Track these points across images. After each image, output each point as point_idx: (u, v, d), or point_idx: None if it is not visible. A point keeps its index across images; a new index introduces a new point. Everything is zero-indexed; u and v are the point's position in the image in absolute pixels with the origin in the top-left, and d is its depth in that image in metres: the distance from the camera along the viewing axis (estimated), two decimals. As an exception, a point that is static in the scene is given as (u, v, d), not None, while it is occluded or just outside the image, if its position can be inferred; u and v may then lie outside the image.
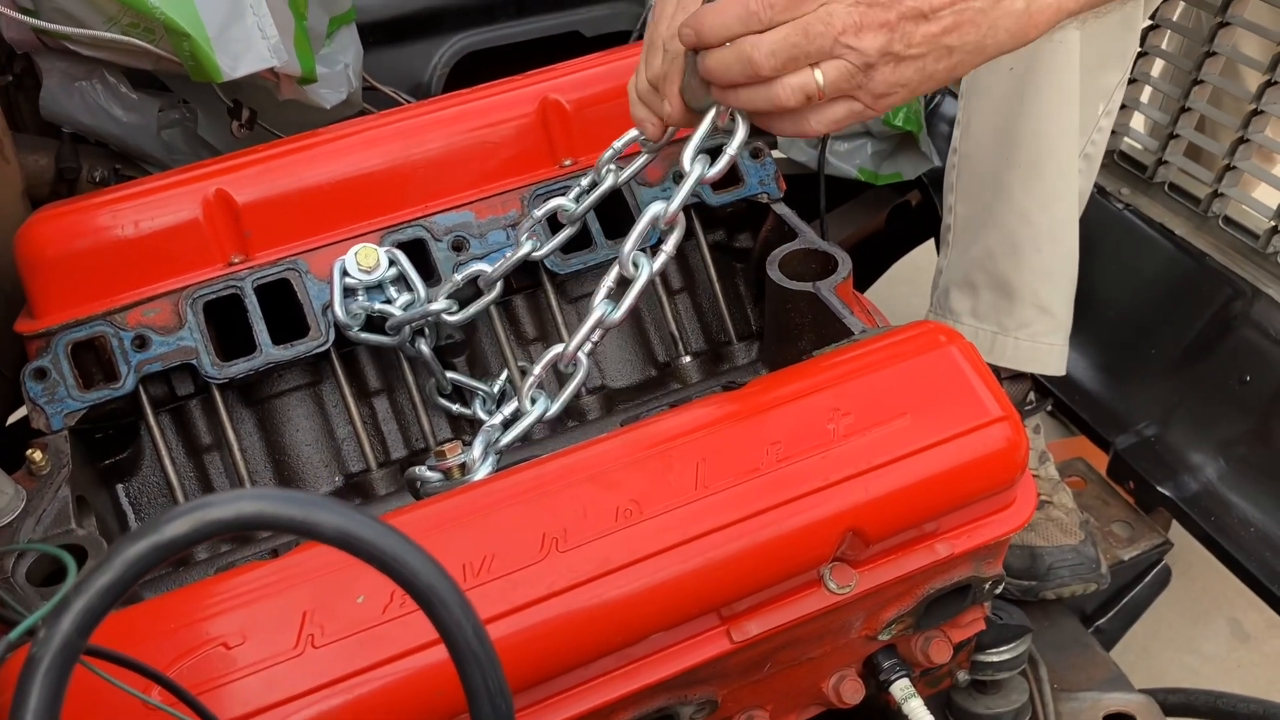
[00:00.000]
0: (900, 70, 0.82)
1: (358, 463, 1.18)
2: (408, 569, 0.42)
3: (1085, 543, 1.44)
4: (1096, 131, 1.44)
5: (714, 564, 0.83)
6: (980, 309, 1.51)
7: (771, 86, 0.82)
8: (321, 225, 1.15)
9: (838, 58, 0.80)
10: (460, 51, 1.73)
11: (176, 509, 0.41)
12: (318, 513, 0.41)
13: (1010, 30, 0.83)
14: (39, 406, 1.05)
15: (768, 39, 0.80)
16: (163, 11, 1.21)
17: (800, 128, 0.85)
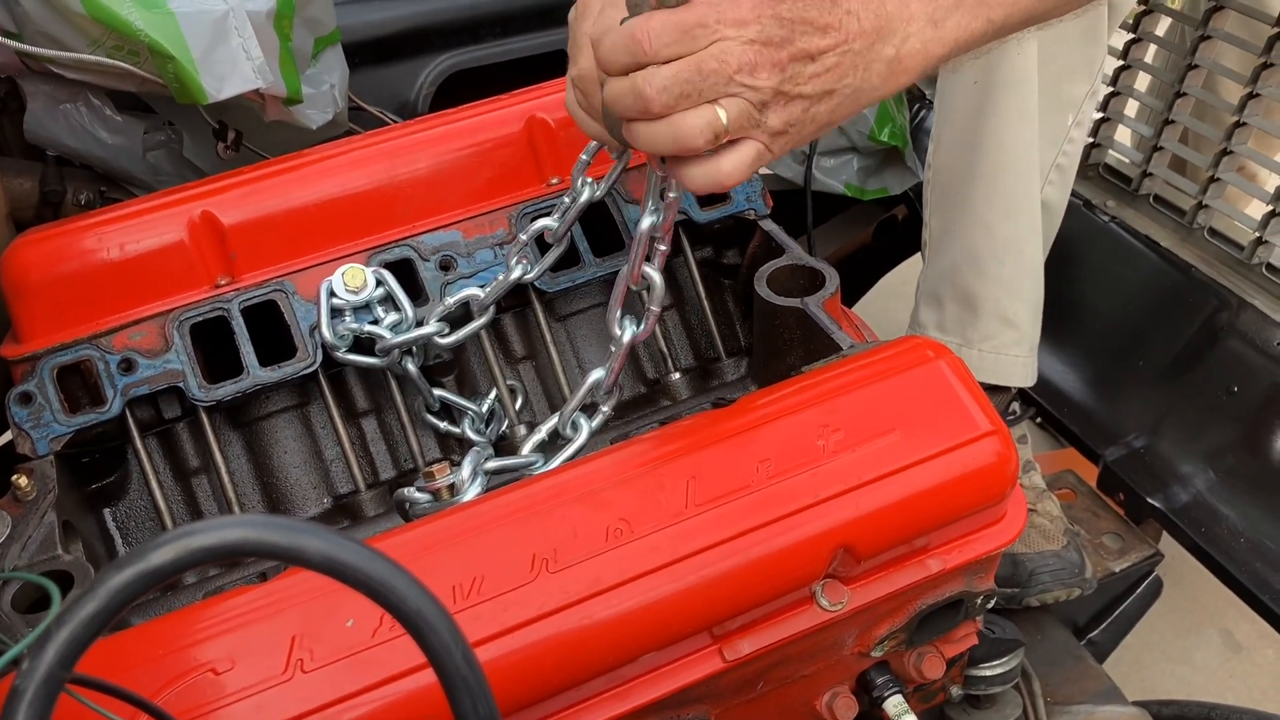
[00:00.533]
0: (789, 109, 0.81)
1: (346, 484, 1.17)
2: (395, 594, 0.41)
3: (1068, 548, 1.44)
4: (1068, 142, 1.45)
5: (705, 583, 0.83)
6: (945, 322, 1.52)
7: (675, 126, 0.79)
8: (308, 246, 1.15)
9: (734, 95, 0.79)
10: (446, 71, 1.73)
11: (162, 537, 0.41)
12: (304, 539, 0.41)
13: (881, 75, 0.84)
14: (24, 431, 1.04)
15: (660, 74, 0.78)
16: (147, 34, 1.21)
17: (713, 175, 0.82)
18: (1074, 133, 1.45)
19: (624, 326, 0.99)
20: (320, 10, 1.46)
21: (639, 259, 0.95)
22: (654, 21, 0.77)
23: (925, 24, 0.84)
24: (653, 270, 0.95)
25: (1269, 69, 1.51)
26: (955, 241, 1.49)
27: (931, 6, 0.84)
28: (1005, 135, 1.40)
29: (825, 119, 0.84)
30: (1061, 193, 1.48)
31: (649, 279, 0.96)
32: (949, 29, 0.85)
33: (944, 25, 0.84)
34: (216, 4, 1.25)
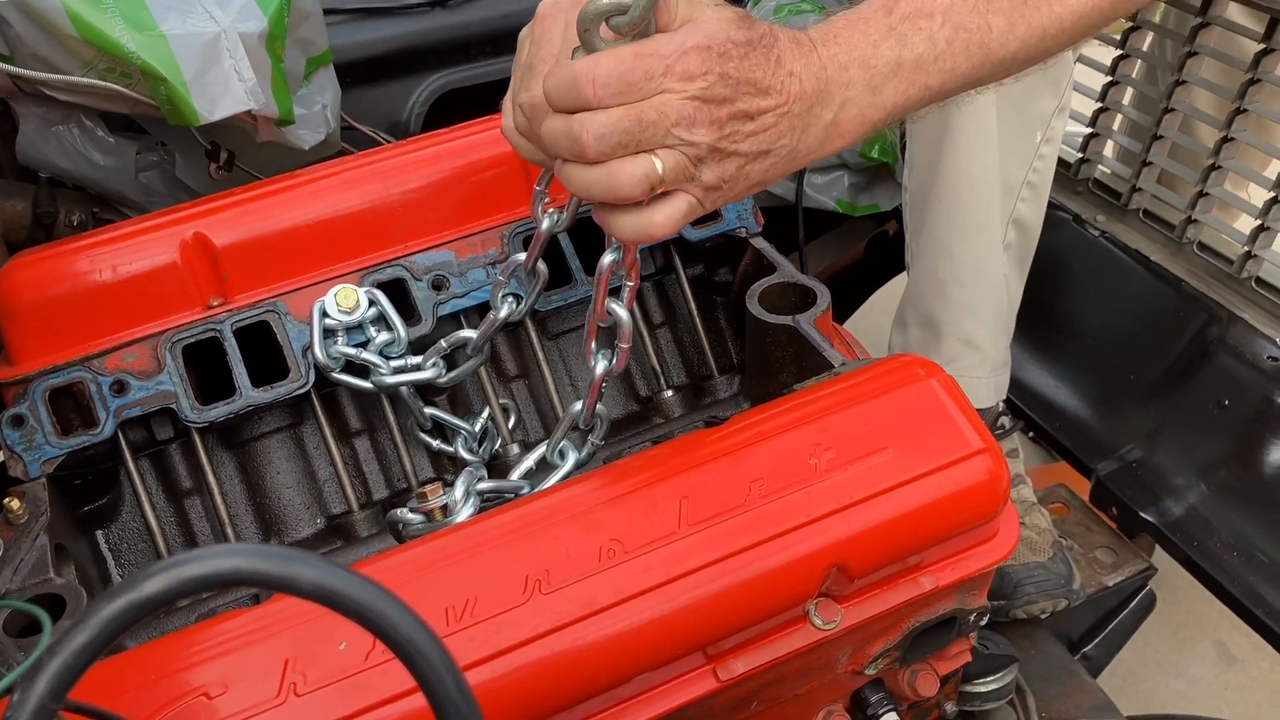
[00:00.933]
0: (724, 165, 0.80)
1: (339, 504, 1.17)
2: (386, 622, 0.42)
3: (1054, 560, 1.45)
4: (1038, 159, 1.46)
5: (698, 602, 0.83)
6: (909, 344, 1.54)
7: (611, 174, 0.77)
8: (301, 266, 1.15)
9: (671, 147, 0.78)
10: (438, 90, 1.74)
11: (153, 566, 0.41)
12: (295, 567, 0.41)
13: (818, 138, 0.84)
14: (16, 454, 1.04)
15: (598, 119, 0.76)
16: (139, 56, 1.21)
17: (645, 227, 0.80)
18: (1044, 149, 1.46)
19: (597, 360, 0.97)
20: (312, 31, 1.46)
21: (601, 296, 0.93)
22: (601, 68, 0.76)
23: (863, 90, 0.84)
24: (619, 307, 0.93)
25: (1255, 84, 1.52)
26: (918, 264, 1.51)
27: (869, 73, 0.84)
28: (962, 158, 1.41)
29: (759, 177, 0.83)
30: (1036, 210, 1.49)
31: (615, 315, 0.94)
32: (886, 95, 0.85)
33: (882, 91, 0.84)
34: (208, 26, 1.26)
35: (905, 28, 0.85)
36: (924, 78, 0.86)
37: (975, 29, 0.87)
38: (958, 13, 0.86)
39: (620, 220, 0.81)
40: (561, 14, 0.87)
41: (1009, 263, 1.50)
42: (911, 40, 0.85)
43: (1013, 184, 1.45)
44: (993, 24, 0.87)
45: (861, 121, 0.85)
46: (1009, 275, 1.50)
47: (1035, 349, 1.77)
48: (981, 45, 0.87)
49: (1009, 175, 1.44)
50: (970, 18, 0.87)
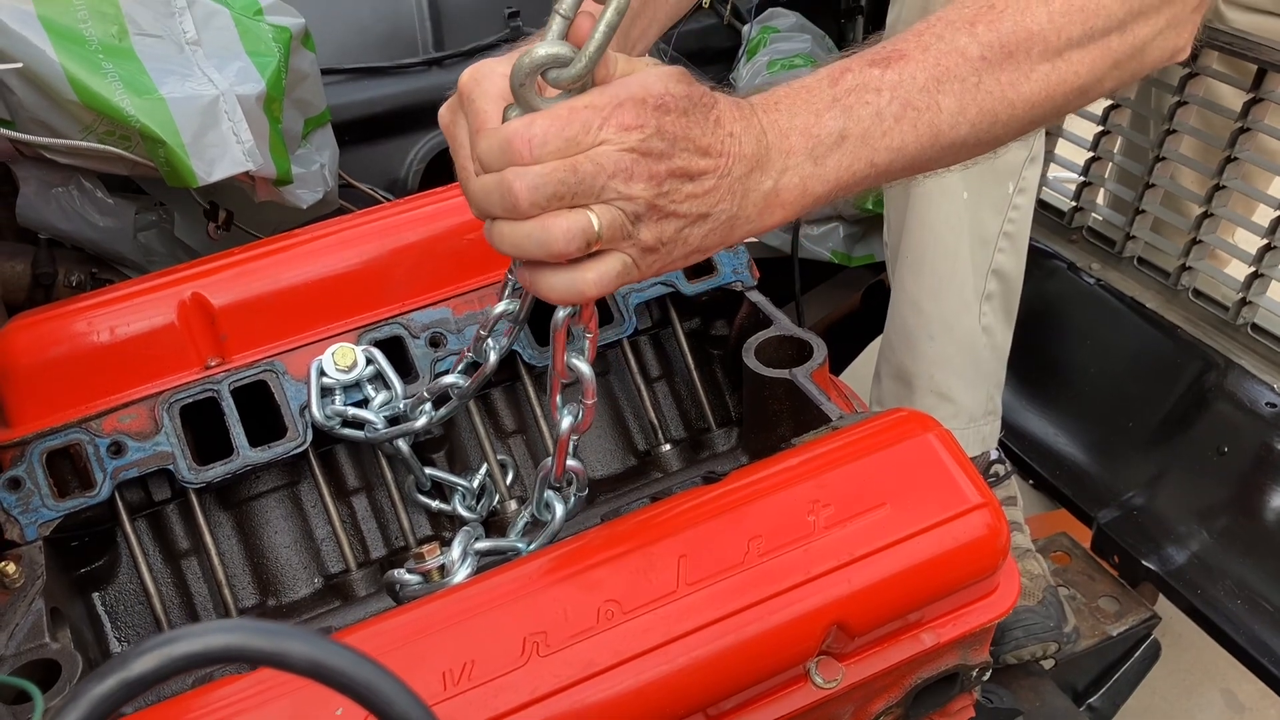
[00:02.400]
0: (663, 226, 0.77)
1: (337, 563, 1.17)
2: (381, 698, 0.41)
3: (1045, 604, 1.44)
4: (1013, 209, 1.47)
5: (698, 663, 0.82)
6: (883, 397, 1.54)
7: (545, 228, 0.74)
8: (298, 325, 1.15)
9: (607, 202, 0.75)
10: (436, 148, 1.76)
11: (145, 644, 0.41)
12: (288, 643, 0.41)
13: (757, 206, 0.81)
14: (12, 517, 1.04)
15: (532, 170, 0.73)
16: (138, 120, 1.22)
17: (576, 285, 0.77)
18: (1018, 200, 1.47)
19: (563, 415, 0.93)
20: (310, 92, 1.48)
21: (560, 352, 0.88)
22: (536, 127, 0.73)
23: (804, 158, 0.81)
24: (580, 362, 0.89)
25: (1245, 133, 1.53)
26: (891, 318, 1.52)
27: (811, 141, 0.81)
28: (927, 213, 1.43)
29: (696, 243, 0.80)
30: (1015, 259, 1.50)
31: (576, 370, 0.89)
32: (830, 167, 0.82)
33: (824, 163, 0.82)
34: (207, 89, 1.27)
35: (850, 100, 0.82)
36: (869, 153, 0.83)
37: (924, 108, 0.84)
38: (906, 90, 0.83)
39: (549, 279, 0.77)
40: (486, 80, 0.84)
41: (992, 312, 1.51)
42: (857, 113, 0.82)
43: (988, 235, 1.46)
44: (943, 104, 0.85)
45: (803, 192, 0.82)
46: (993, 325, 1.51)
47: (1033, 397, 1.77)
48: (931, 125, 0.85)
49: (984, 227, 1.45)
50: (919, 96, 0.84)
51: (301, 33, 1.47)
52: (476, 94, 0.85)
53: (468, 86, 0.86)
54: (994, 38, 0.86)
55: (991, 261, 1.47)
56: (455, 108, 0.90)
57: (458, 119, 0.90)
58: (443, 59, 1.81)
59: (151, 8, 1.29)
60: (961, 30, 0.86)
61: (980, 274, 1.47)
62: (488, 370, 1.09)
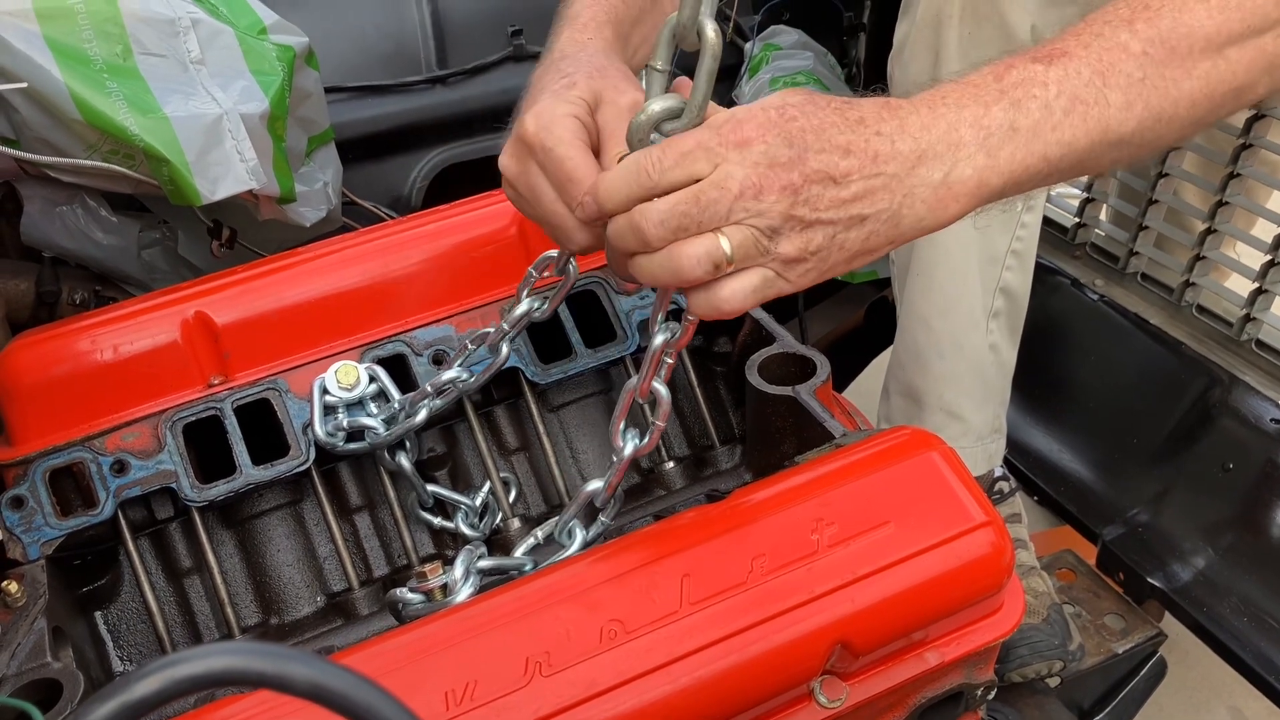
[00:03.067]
0: (809, 236, 0.76)
1: (340, 582, 1.17)
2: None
3: (1050, 622, 1.43)
4: (1021, 228, 1.47)
5: (702, 683, 0.81)
6: (892, 414, 1.54)
7: (673, 257, 0.76)
8: (301, 344, 1.15)
9: (738, 223, 0.75)
10: (439, 165, 1.76)
11: (146, 667, 0.41)
12: (289, 665, 0.41)
13: (927, 202, 0.79)
14: (15, 536, 1.04)
15: (657, 206, 0.75)
16: (142, 139, 1.23)
17: (714, 303, 0.79)
18: (1026, 218, 1.47)
19: (627, 439, 0.95)
20: (313, 110, 1.49)
21: (649, 374, 0.91)
22: (654, 153, 0.76)
23: (976, 150, 0.80)
24: (661, 386, 0.92)
25: (1248, 149, 1.53)
26: (900, 336, 1.52)
27: (982, 133, 0.80)
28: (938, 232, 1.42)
29: (857, 247, 0.79)
30: (1023, 277, 1.50)
31: (656, 394, 0.92)
32: (1003, 159, 0.80)
33: (998, 155, 0.80)
34: (210, 107, 1.28)
35: (1018, 93, 0.81)
36: (1042, 147, 0.82)
37: (1093, 102, 0.83)
38: (1072, 84, 0.82)
39: (691, 297, 0.80)
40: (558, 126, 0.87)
41: (999, 330, 1.51)
42: (1026, 106, 0.81)
43: (997, 253, 1.46)
44: (1110, 99, 0.83)
45: (980, 185, 0.80)
46: (1000, 343, 1.51)
47: (1037, 413, 1.77)
48: (1100, 120, 0.83)
49: (993, 245, 1.45)
50: (1086, 90, 0.83)
51: (305, 51, 1.47)
52: (553, 142, 0.88)
53: (539, 136, 0.89)
54: (1154, 33, 0.85)
55: (1000, 279, 1.47)
56: (524, 156, 0.92)
57: (530, 168, 0.91)
58: (446, 77, 1.81)
59: (156, 27, 1.29)
60: (1121, 27, 0.85)
61: (989, 291, 1.47)
62: (498, 365, 1.09)
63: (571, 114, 0.89)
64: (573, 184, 0.87)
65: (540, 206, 0.92)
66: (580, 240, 0.90)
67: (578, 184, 0.86)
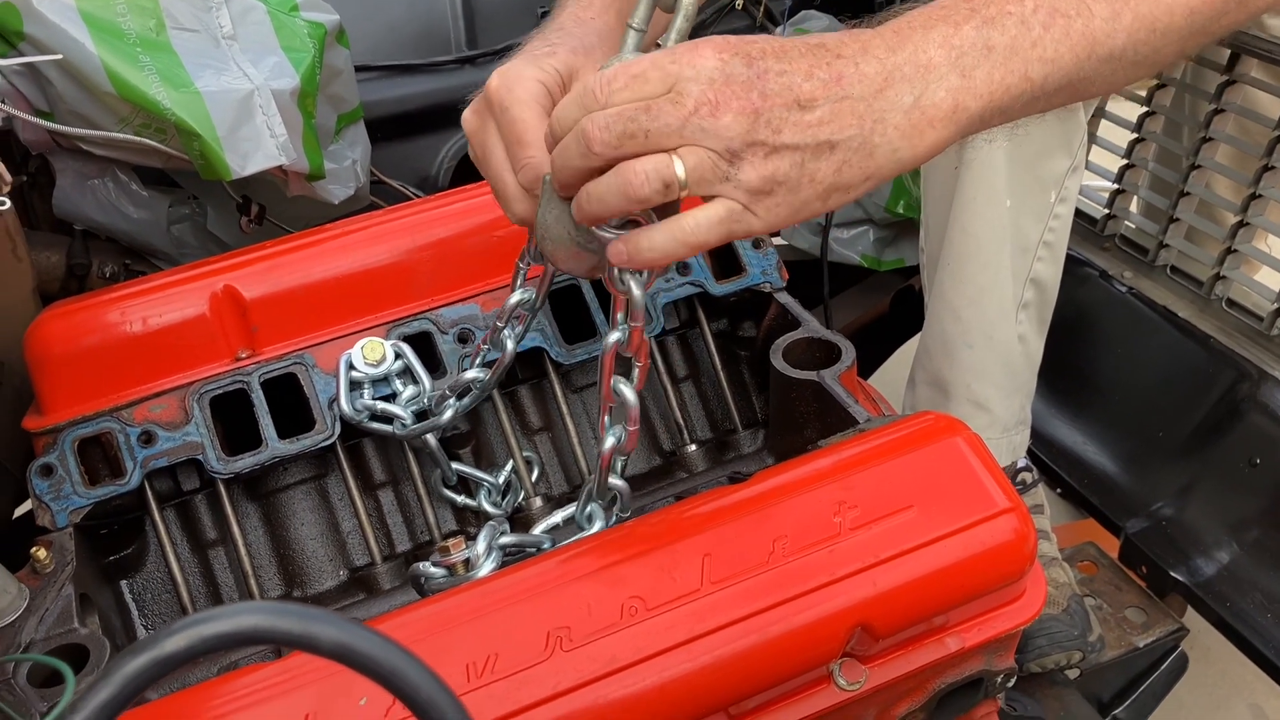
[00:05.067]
0: (773, 163, 0.71)
1: (363, 556, 1.17)
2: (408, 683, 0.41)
3: (1070, 613, 1.43)
4: (1053, 219, 1.45)
5: (721, 661, 0.82)
6: (918, 403, 1.53)
7: (621, 173, 0.71)
8: (328, 319, 1.16)
9: (693, 143, 0.70)
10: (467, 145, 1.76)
11: (175, 624, 0.41)
12: (316, 626, 0.41)
13: (900, 128, 0.74)
14: (44, 503, 1.05)
15: (605, 111, 0.71)
16: (174, 113, 1.24)
17: (678, 236, 0.73)
18: (1059, 209, 1.45)
19: (608, 435, 0.93)
20: (343, 88, 1.49)
21: (607, 376, 0.88)
22: (607, 72, 0.72)
23: (949, 71, 0.75)
24: (625, 388, 0.88)
25: (1283, 142, 1.52)
26: (929, 324, 1.51)
27: (954, 53, 0.75)
28: (970, 221, 1.41)
29: (830, 180, 0.74)
30: (1053, 268, 1.49)
31: (620, 396, 0.88)
32: (979, 80, 0.76)
33: (973, 75, 0.75)
34: (242, 83, 1.29)
35: (991, 10, 0.77)
36: (1022, 65, 0.77)
37: (1074, 14, 0.78)
38: None
39: (648, 236, 0.74)
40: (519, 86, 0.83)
41: (1028, 321, 1.50)
42: (1000, 23, 0.76)
43: (1028, 244, 1.45)
44: (1095, 9, 0.78)
45: (956, 108, 0.75)
46: (1028, 334, 1.50)
47: (1062, 405, 1.76)
48: (1085, 33, 0.78)
49: (1024, 235, 1.44)
50: (1065, 1, 0.78)
51: (336, 29, 1.48)
52: (510, 101, 0.84)
53: (499, 94, 0.85)
54: None
55: (1030, 270, 1.46)
56: (484, 113, 0.89)
57: (487, 125, 0.89)
58: (475, 57, 1.81)
59: (189, 3, 1.30)
60: None
61: (1019, 282, 1.46)
62: (506, 360, 1.09)
63: (538, 79, 0.86)
64: (520, 146, 0.84)
65: (489, 167, 0.89)
66: (518, 210, 0.87)
67: (525, 147, 0.83)
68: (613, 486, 0.97)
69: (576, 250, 0.81)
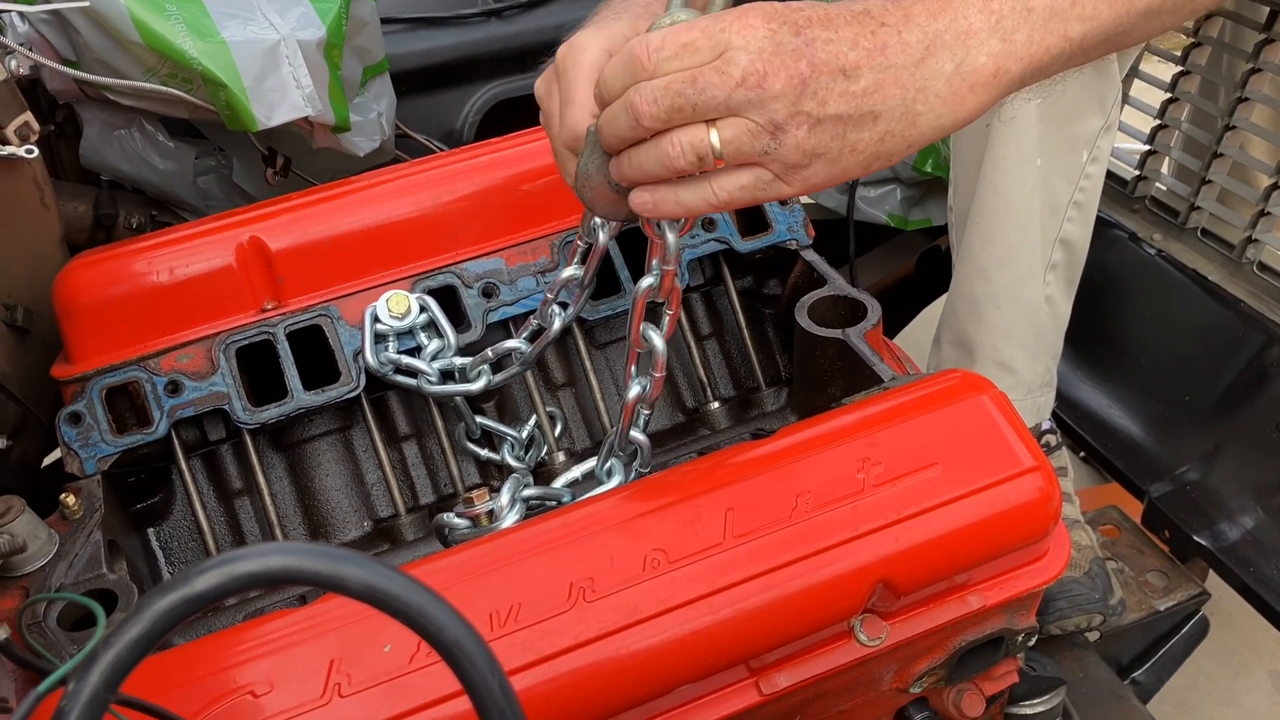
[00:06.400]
0: (817, 135, 0.72)
1: (386, 508, 1.18)
2: (433, 624, 0.42)
3: (1091, 576, 1.42)
4: (1084, 179, 1.43)
5: (743, 615, 0.82)
6: (943, 364, 1.52)
7: (660, 144, 0.72)
8: (353, 272, 1.16)
9: (737, 114, 0.71)
10: (492, 99, 1.75)
11: (206, 562, 0.42)
12: (344, 567, 0.41)
13: (942, 96, 0.74)
14: (73, 451, 1.06)
15: (652, 83, 0.71)
16: (201, 62, 1.23)
17: (703, 196, 0.74)
18: (1091, 169, 1.43)
19: (633, 384, 0.94)
20: (369, 40, 1.48)
21: (637, 322, 0.90)
22: (655, 36, 0.72)
23: (989, 35, 0.75)
24: (655, 335, 0.90)
25: (1321, 103, 1.49)
26: (956, 284, 1.49)
27: (993, 17, 0.75)
28: (1001, 180, 1.39)
29: (871, 149, 0.74)
30: (1083, 229, 1.47)
31: (650, 342, 0.90)
32: (1020, 44, 0.76)
33: (1013, 39, 0.75)
34: (268, 33, 1.28)
35: None
36: (1062, 25, 0.76)
37: None
38: None
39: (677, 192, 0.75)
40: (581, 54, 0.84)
41: (1055, 283, 1.48)
42: None
43: (1059, 204, 1.43)
44: None
45: (997, 72, 0.75)
46: (1055, 295, 1.49)
47: (1088, 368, 1.74)
48: None
49: (1055, 195, 1.42)
50: None
51: (362, -20, 1.47)
52: (570, 66, 0.86)
53: (563, 59, 0.87)
54: None
55: (1060, 230, 1.44)
56: (550, 80, 0.91)
57: (551, 91, 0.90)
58: (501, 10, 1.80)
59: (215, -48, 1.29)
60: None
61: (1048, 243, 1.44)
62: (551, 336, 1.10)
63: (602, 46, 0.87)
64: (569, 106, 0.85)
65: (550, 130, 0.91)
66: (570, 170, 0.88)
67: (571, 106, 0.84)
68: (634, 440, 0.97)
69: (616, 198, 0.82)
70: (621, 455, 1.00)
